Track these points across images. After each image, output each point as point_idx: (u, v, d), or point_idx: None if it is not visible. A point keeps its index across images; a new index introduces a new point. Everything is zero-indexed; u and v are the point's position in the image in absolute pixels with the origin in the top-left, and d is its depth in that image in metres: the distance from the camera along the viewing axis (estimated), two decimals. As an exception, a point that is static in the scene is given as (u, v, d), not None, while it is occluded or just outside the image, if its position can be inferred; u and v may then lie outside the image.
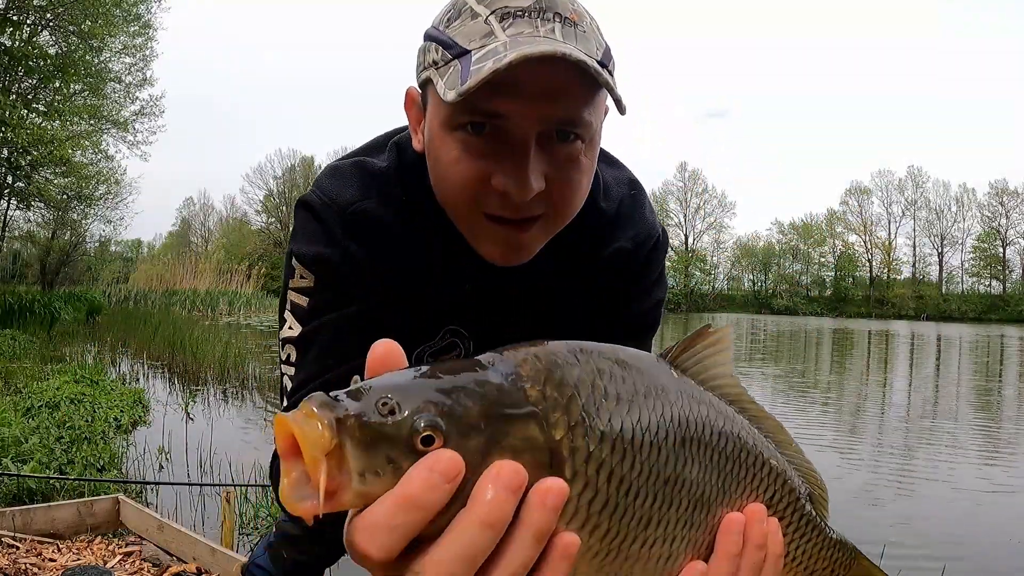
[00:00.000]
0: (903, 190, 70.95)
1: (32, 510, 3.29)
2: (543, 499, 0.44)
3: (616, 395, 0.51)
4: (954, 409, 10.17)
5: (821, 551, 0.71)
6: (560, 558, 0.46)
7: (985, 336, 32.37)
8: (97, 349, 13.49)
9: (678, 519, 0.55)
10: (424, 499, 0.42)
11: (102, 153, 22.96)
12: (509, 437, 0.45)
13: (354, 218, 1.03)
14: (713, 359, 0.63)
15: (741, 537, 0.61)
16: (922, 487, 5.82)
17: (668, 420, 0.54)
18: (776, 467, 0.65)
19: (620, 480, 0.50)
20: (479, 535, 0.43)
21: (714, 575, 0.60)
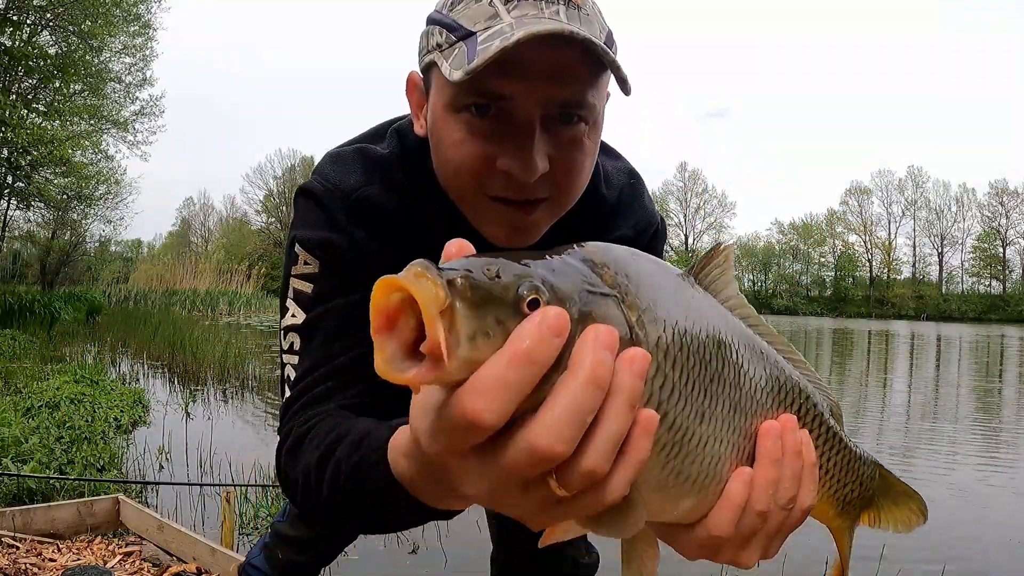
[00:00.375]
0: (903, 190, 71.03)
1: (32, 510, 3.29)
2: (631, 364, 0.45)
3: (671, 294, 0.56)
4: (954, 409, 10.17)
5: (849, 463, 0.76)
6: (642, 433, 0.47)
7: (985, 336, 32.37)
8: (97, 349, 13.48)
9: (723, 420, 0.58)
10: (536, 353, 0.42)
11: (102, 153, 22.99)
12: (599, 310, 0.48)
13: (358, 204, 1.03)
14: (723, 279, 0.66)
15: (780, 444, 0.63)
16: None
17: (708, 324, 0.58)
18: (798, 382, 0.69)
19: (681, 369, 0.53)
20: (585, 393, 0.43)
21: (760, 481, 0.62)
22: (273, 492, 4.34)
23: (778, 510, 0.64)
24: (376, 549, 3.92)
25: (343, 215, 1.03)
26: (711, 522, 0.62)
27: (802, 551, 4.10)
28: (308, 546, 1.66)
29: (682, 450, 0.55)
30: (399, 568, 3.73)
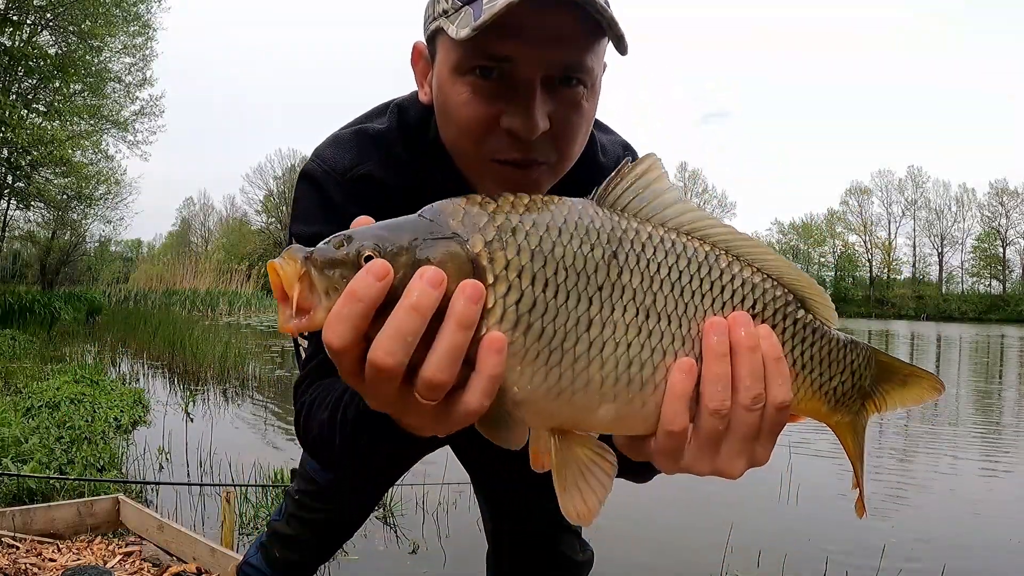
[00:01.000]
0: (903, 190, 71.03)
1: (32, 510, 3.29)
2: (462, 291, 0.56)
3: (533, 219, 0.61)
4: (954, 410, 10.17)
5: (831, 354, 0.73)
6: (488, 350, 0.56)
7: (985, 336, 32.36)
8: (97, 349, 13.48)
9: (627, 324, 0.61)
10: (362, 292, 0.55)
11: (102, 153, 22.99)
12: (434, 252, 0.58)
13: (355, 183, 1.08)
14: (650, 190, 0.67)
15: (726, 339, 0.64)
16: (922, 487, 5.82)
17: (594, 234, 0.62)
18: (749, 278, 0.68)
19: (544, 283, 0.59)
20: (407, 317, 0.55)
21: (708, 377, 0.63)
22: (273, 492, 4.34)
23: (744, 410, 0.65)
24: (376, 549, 3.93)
25: (340, 195, 1.08)
26: (663, 419, 0.64)
27: (802, 550, 4.10)
28: (303, 544, 1.66)
29: (566, 357, 0.60)
30: (399, 568, 3.73)
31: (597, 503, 0.69)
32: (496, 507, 1.60)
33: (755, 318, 0.68)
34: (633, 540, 4.29)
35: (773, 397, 0.66)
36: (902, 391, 0.81)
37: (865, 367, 0.77)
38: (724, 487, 5.50)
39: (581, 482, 0.68)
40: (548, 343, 0.60)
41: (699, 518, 4.82)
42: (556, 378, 0.60)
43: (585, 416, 0.64)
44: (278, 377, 10.51)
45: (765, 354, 0.66)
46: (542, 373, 0.60)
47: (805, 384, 0.73)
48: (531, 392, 0.60)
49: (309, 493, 1.64)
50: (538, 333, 0.59)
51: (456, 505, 4.52)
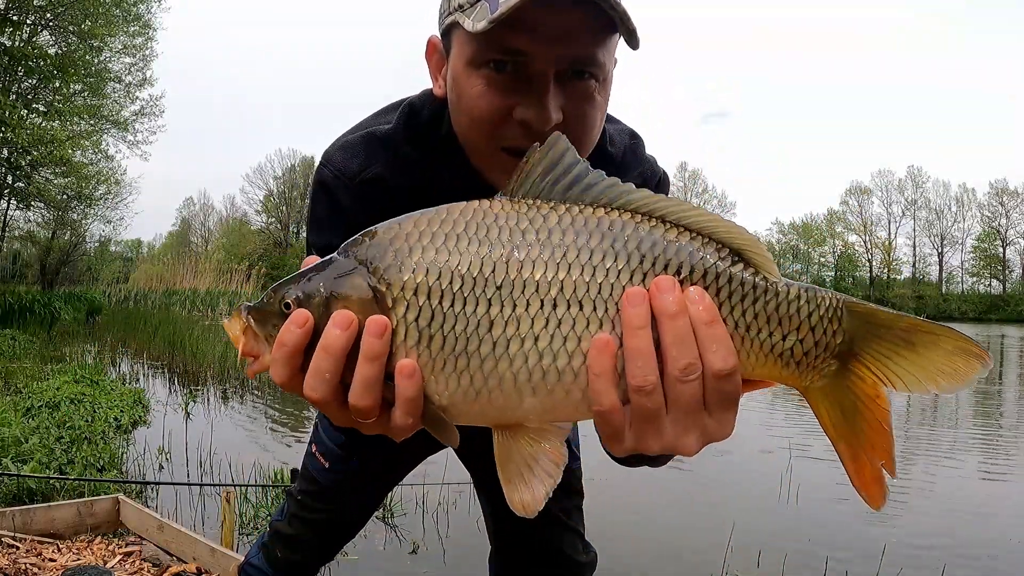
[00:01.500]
0: (903, 190, 70.97)
1: (32, 510, 3.29)
2: (367, 330, 0.62)
3: (432, 233, 0.64)
4: (954, 410, 10.17)
5: (779, 309, 0.64)
6: (403, 377, 0.62)
7: (985, 336, 32.35)
8: (97, 349, 13.48)
9: (532, 318, 0.61)
10: (286, 339, 0.65)
11: (102, 153, 22.99)
12: (341, 288, 0.65)
13: (363, 186, 1.11)
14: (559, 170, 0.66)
15: (643, 310, 0.60)
16: (922, 487, 5.81)
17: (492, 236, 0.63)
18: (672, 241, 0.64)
19: (440, 295, 0.62)
20: (320, 358, 0.64)
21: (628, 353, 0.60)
22: (273, 492, 4.34)
23: (678, 383, 0.61)
24: (376, 549, 3.93)
25: (349, 200, 1.12)
26: (592, 401, 0.62)
27: (802, 550, 4.10)
28: (305, 545, 1.66)
29: (472, 361, 0.62)
30: (399, 568, 3.73)
31: (543, 494, 0.66)
32: (498, 507, 1.60)
33: (683, 282, 0.63)
34: (634, 540, 4.29)
35: (710, 365, 0.61)
36: (914, 356, 0.65)
37: (830, 321, 0.65)
38: (724, 487, 5.51)
39: (526, 473, 0.66)
40: (452, 351, 0.62)
41: (700, 518, 4.81)
42: (468, 382, 0.63)
43: (512, 412, 0.64)
44: None
45: (695, 319, 0.61)
46: (455, 379, 0.63)
47: (753, 347, 0.64)
48: (450, 398, 0.63)
49: (311, 493, 1.64)
50: (440, 344, 0.62)
51: (456, 505, 4.52)
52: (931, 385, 0.65)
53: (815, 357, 0.66)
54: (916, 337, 0.64)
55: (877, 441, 0.67)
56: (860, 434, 0.67)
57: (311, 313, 0.65)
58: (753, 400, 10.58)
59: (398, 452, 1.62)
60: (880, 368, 0.66)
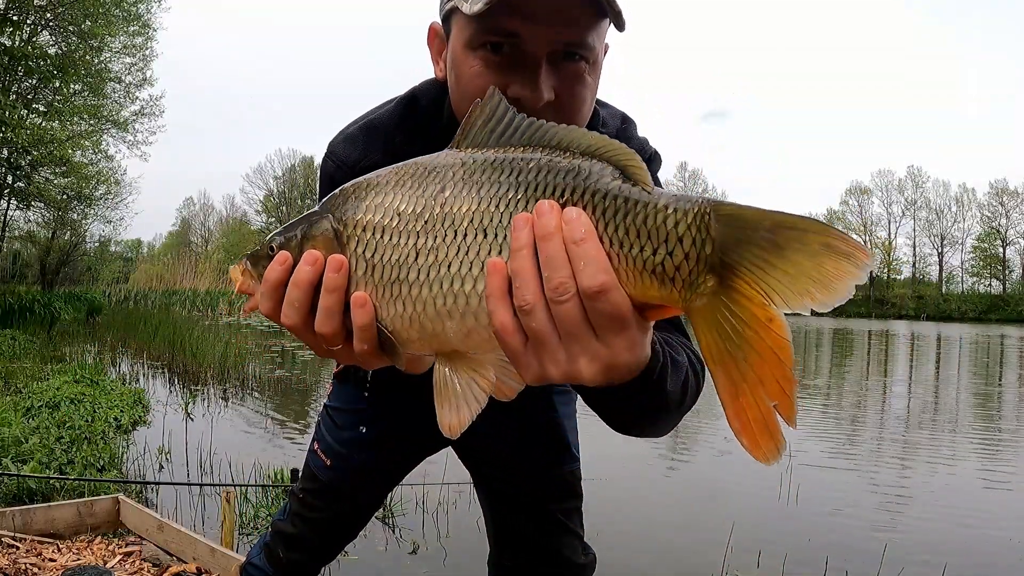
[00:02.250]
0: (903, 190, 71.00)
1: (32, 510, 3.29)
2: (328, 266, 0.73)
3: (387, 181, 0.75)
4: (954, 410, 10.17)
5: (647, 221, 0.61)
6: (356, 306, 0.71)
7: (985, 336, 32.36)
8: (97, 349, 13.48)
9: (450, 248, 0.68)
10: (270, 275, 0.77)
11: (102, 153, 22.97)
12: (311, 231, 0.77)
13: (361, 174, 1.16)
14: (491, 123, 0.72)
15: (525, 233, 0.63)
16: (922, 487, 5.81)
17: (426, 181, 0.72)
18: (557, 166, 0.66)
19: (382, 231, 0.72)
20: (292, 290, 0.75)
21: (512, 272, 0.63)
22: (273, 492, 4.34)
23: (553, 303, 0.61)
24: (376, 549, 3.93)
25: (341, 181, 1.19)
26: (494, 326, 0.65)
27: (802, 550, 4.10)
28: (307, 544, 1.66)
29: (403, 287, 0.70)
30: (399, 568, 3.73)
31: (468, 417, 0.71)
32: (497, 509, 1.60)
33: (564, 205, 0.63)
34: (635, 540, 4.29)
35: (581, 283, 0.60)
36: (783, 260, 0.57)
37: (697, 228, 0.59)
38: (724, 487, 5.51)
39: (456, 398, 0.71)
40: (392, 279, 0.71)
41: (700, 518, 4.81)
42: (403, 308, 0.70)
43: (439, 337, 0.70)
44: (278, 377, 10.51)
45: (567, 238, 0.61)
46: (395, 306, 0.71)
47: (629, 264, 0.62)
48: (392, 323, 0.71)
49: (312, 491, 1.64)
50: (382, 274, 0.71)
51: (456, 505, 4.52)
52: (804, 298, 0.57)
53: (688, 272, 0.60)
54: (781, 237, 0.57)
55: (766, 373, 0.57)
56: (743, 363, 0.58)
57: (290, 253, 0.77)
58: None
59: (399, 450, 1.62)
60: (759, 281, 0.58)
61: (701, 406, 1.08)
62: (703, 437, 7.59)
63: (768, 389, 0.58)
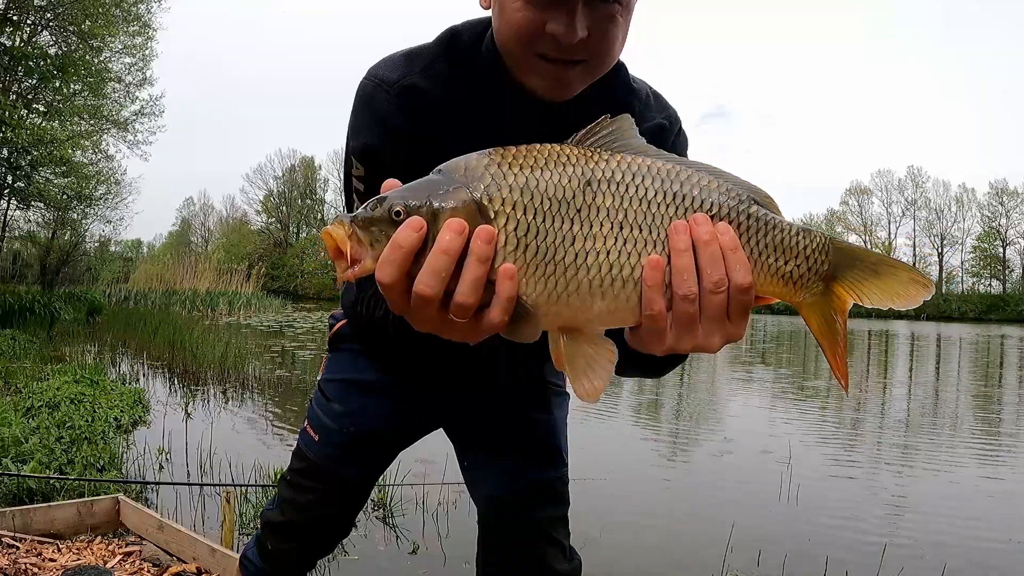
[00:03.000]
0: (903, 190, 70.96)
1: (32, 510, 3.29)
2: (478, 236, 0.72)
3: (520, 163, 0.78)
4: (954, 410, 10.17)
5: (784, 242, 0.84)
6: (503, 278, 0.73)
7: (985, 336, 32.36)
8: (97, 349, 13.48)
9: (605, 237, 0.77)
10: (403, 241, 0.72)
11: (102, 153, 22.95)
12: (448, 201, 0.75)
13: (400, 94, 1.22)
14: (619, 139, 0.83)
15: (687, 237, 0.78)
16: (922, 487, 5.82)
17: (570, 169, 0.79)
18: (706, 186, 0.82)
19: (534, 212, 0.76)
20: (439, 258, 0.72)
21: (675, 268, 0.78)
22: (273, 492, 4.33)
23: (711, 294, 0.78)
24: (376, 549, 3.93)
25: (386, 105, 1.22)
26: (644, 306, 0.78)
27: (802, 550, 4.10)
28: (297, 532, 1.64)
29: (558, 268, 0.76)
30: (399, 568, 3.73)
31: (602, 384, 0.81)
32: (486, 518, 1.59)
33: (714, 218, 0.81)
34: (634, 539, 4.29)
35: (734, 280, 0.78)
36: (878, 282, 0.87)
37: (820, 252, 0.85)
38: (724, 487, 5.51)
39: (588, 370, 0.81)
40: (543, 258, 0.76)
41: (700, 518, 4.82)
42: (553, 285, 0.76)
43: (583, 313, 0.79)
44: (278, 377, 10.51)
45: (723, 245, 0.79)
46: (543, 283, 0.76)
47: (764, 269, 0.83)
48: (536, 298, 0.76)
49: (301, 471, 1.63)
50: (534, 251, 0.76)
51: (456, 505, 4.52)
52: (890, 303, 0.87)
53: (808, 280, 0.86)
54: (881, 269, 0.86)
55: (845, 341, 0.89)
56: (837, 335, 0.88)
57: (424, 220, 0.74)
58: (753, 401, 10.58)
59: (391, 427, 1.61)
60: (854, 289, 0.87)
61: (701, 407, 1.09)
62: (703, 437, 7.59)
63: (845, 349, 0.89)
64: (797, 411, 9.51)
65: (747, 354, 18.87)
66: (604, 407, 9.40)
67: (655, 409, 9.52)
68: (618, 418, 8.62)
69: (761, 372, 14.64)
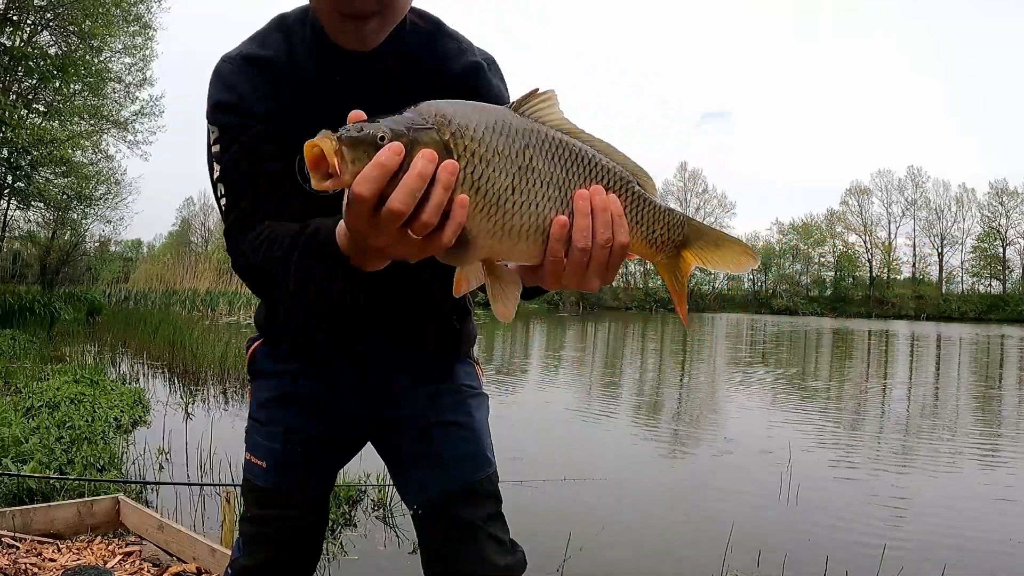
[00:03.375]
0: (903, 190, 70.97)
1: (32, 510, 3.29)
2: (445, 168, 0.84)
3: (479, 118, 0.91)
4: (954, 411, 10.17)
5: (653, 215, 1.05)
6: (458, 206, 0.85)
7: (985, 336, 32.36)
8: (97, 349, 13.49)
9: (537, 192, 0.93)
10: (386, 161, 0.82)
11: (102, 153, 22.95)
12: (424, 137, 0.86)
13: (242, 61, 1.37)
14: (547, 111, 0.98)
15: (588, 204, 0.96)
16: (922, 488, 5.82)
17: (515, 133, 0.93)
18: (605, 164, 1.01)
19: (488, 162, 0.89)
20: (415, 180, 0.82)
21: (576, 226, 0.95)
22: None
23: (599, 248, 0.96)
24: (376, 549, 3.93)
25: (231, 74, 1.37)
26: (548, 253, 0.95)
27: (802, 550, 4.10)
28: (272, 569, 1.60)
29: (500, 210, 0.91)
30: (399, 568, 3.74)
31: (513, 307, 0.99)
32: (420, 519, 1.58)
33: (607, 190, 0.99)
34: (635, 540, 4.29)
35: (617, 240, 0.98)
36: (717, 251, 1.10)
37: (677, 226, 1.08)
38: (724, 487, 5.51)
39: (503, 296, 0.99)
40: (488, 200, 0.90)
41: (700, 518, 4.82)
42: (491, 224, 0.91)
43: (508, 250, 0.95)
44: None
45: (613, 212, 0.97)
46: (484, 220, 0.90)
47: (637, 234, 1.04)
48: (476, 232, 0.90)
49: (258, 502, 1.60)
50: (483, 193, 0.89)
51: (456, 505, 4.51)
52: (725, 269, 1.11)
53: (666, 245, 1.08)
54: (721, 242, 1.10)
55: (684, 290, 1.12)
56: (681, 286, 1.12)
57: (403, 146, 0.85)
58: (753, 401, 10.59)
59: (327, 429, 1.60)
60: (698, 255, 1.10)
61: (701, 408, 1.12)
62: (703, 437, 7.60)
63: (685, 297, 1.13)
64: (797, 412, 9.51)
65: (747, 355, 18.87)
66: (604, 407, 9.40)
67: (655, 409, 9.52)
68: (618, 418, 8.62)
69: (761, 373, 14.63)
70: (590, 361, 16.50)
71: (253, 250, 1.28)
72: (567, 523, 4.27)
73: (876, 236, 71.37)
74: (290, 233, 1.19)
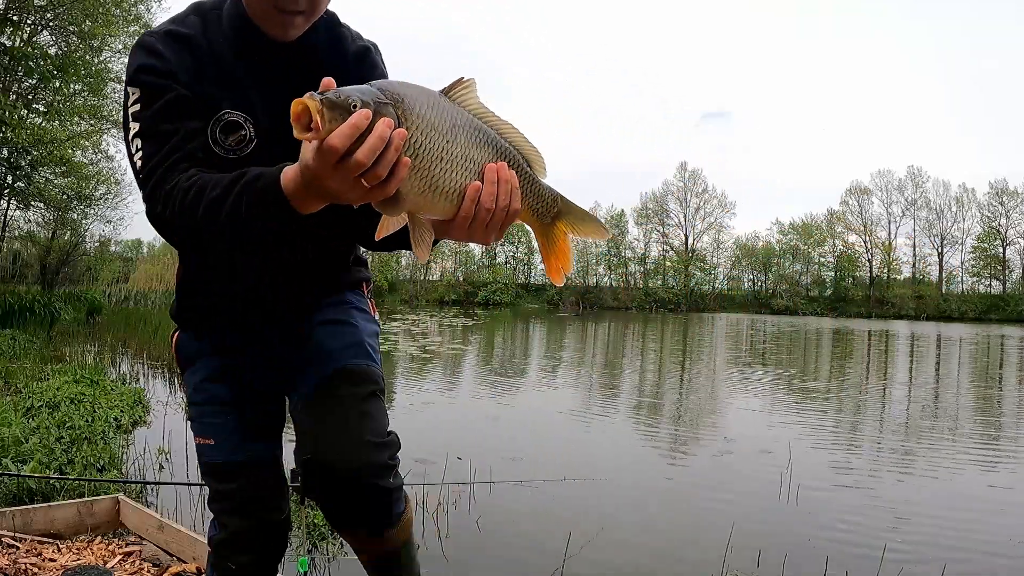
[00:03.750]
0: (903, 190, 71.01)
1: (32, 510, 3.29)
2: (397, 134, 1.01)
3: (423, 99, 1.11)
4: (954, 411, 10.17)
5: (537, 192, 1.29)
6: (403, 166, 1.03)
7: (985, 336, 32.36)
8: (97, 349, 13.49)
9: (457, 162, 1.13)
10: (357, 122, 0.98)
11: (102, 153, 22.93)
12: (384, 109, 1.03)
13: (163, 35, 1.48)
14: (467, 96, 1.19)
15: (496, 175, 1.16)
16: (922, 488, 5.82)
17: (446, 113, 1.13)
18: (508, 148, 1.23)
19: (426, 135, 1.09)
20: (377, 140, 0.99)
21: (485, 191, 1.15)
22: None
23: (499, 211, 1.17)
24: (376, 549, 3.92)
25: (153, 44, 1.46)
26: (461, 211, 1.15)
27: (802, 550, 4.10)
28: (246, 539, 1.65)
29: (429, 174, 1.10)
30: (399, 568, 3.73)
31: (428, 250, 1.18)
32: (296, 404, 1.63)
33: (509, 166, 1.20)
34: (635, 540, 4.29)
35: (512, 206, 1.18)
36: (582, 224, 1.33)
37: (552, 202, 1.31)
38: (724, 487, 5.51)
39: (421, 241, 1.17)
40: (423, 165, 1.09)
41: (700, 518, 4.82)
42: (421, 184, 1.10)
43: (430, 206, 1.14)
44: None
45: (512, 185, 1.18)
46: (416, 180, 1.09)
47: (525, 204, 1.26)
48: (410, 190, 1.09)
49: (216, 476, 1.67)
50: (419, 159, 1.08)
51: (456, 505, 4.52)
52: (587, 236, 1.35)
53: (545, 215, 1.31)
54: (586, 217, 1.33)
55: (561, 255, 1.34)
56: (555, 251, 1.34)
57: None
58: (753, 401, 10.59)
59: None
60: (569, 225, 1.33)
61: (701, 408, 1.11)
62: (703, 437, 7.60)
63: (561, 260, 1.34)
64: (797, 412, 9.51)
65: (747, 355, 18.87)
66: (604, 407, 9.40)
67: (655, 410, 9.52)
68: (618, 418, 8.62)
69: (760, 373, 14.63)
70: (590, 361, 16.50)
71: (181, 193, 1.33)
72: (567, 523, 4.27)
73: (876, 236, 71.43)
74: (226, 178, 1.29)
